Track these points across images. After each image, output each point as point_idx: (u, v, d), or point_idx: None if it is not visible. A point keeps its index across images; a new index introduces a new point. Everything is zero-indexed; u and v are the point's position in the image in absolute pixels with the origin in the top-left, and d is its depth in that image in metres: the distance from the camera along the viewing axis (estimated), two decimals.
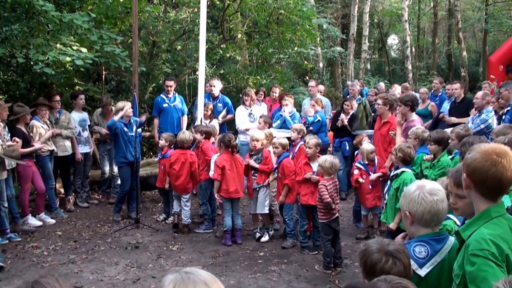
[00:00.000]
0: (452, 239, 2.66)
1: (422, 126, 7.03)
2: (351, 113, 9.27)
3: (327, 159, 6.33)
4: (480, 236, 2.23)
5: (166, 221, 8.16)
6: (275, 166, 7.10)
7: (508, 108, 7.67)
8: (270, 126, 8.51)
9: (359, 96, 10.27)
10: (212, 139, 8.02)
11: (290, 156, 7.45)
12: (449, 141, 6.01)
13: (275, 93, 10.26)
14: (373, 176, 7.22)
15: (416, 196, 2.62)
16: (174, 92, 9.76)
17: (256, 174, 7.22)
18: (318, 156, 6.75)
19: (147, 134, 11.09)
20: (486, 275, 2.11)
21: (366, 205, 7.33)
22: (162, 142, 8.21)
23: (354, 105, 9.48)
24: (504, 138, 4.84)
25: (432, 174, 5.88)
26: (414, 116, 7.29)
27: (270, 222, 7.83)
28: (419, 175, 6.00)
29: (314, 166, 6.75)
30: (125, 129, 8.17)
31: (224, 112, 9.67)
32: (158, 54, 12.93)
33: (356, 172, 7.41)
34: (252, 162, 7.16)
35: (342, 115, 9.24)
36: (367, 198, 7.29)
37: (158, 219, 8.32)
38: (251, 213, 7.52)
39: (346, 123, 9.12)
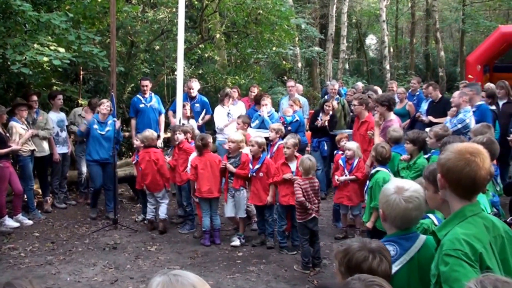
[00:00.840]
0: (422, 238, 2.67)
1: (398, 126, 7.11)
2: (329, 114, 9.34)
3: (304, 159, 6.40)
4: (454, 236, 2.25)
5: (145, 221, 8.16)
6: (257, 166, 7.06)
7: (474, 109, 7.85)
8: (249, 126, 8.54)
9: (338, 96, 10.37)
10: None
11: (268, 156, 7.52)
12: (427, 140, 6.10)
13: (254, 92, 10.30)
14: (342, 178, 7.20)
15: (392, 200, 2.63)
16: (150, 92, 9.73)
17: (232, 178, 7.20)
18: (297, 157, 6.80)
19: (126, 134, 11.04)
20: (458, 276, 2.13)
21: (343, 202, 7.36)
22: (137, 143, 8.18)
23: (335, 106, 9.56)
24: (482, 137, 4.96)
25: (408, 176, 5.96)
26: (392, 116, 7.39)
27: (248, 223, 7.88)
28: (396, 175, 6.08)
29: (293, 166, 6.80)
30: (95, 126, 8.19)
31: (203, 114, 9.68)
32: (136, 54, 12.87)
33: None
34: (228, 166, 7.10)
35: (322, 116, 9.32)
36: (344, 196, 7.32)
37: (136, 219, 8.30)
38: (226, 216, 7.43)
39: (326, 124, 9.20)
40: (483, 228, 2.31)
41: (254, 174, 7.05)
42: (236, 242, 7.09)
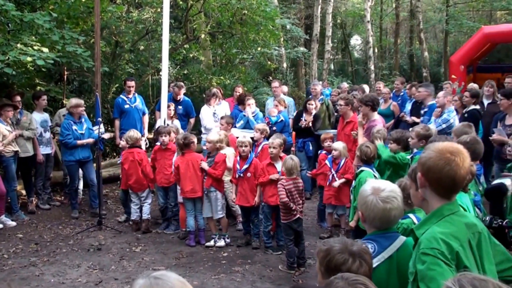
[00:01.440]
0: (402, 238, 2.70)
1: (381, 126, 7.16)
2: (313, 113, 9.40)
3: (287, 159, 6.42)
4: (431, 235, 2.27)
5: (129, 222, 8.14)
6: (245, 166, 7.04)
7: (426, 109, 7.96)
8: (232, 126, 8.55)
9: (322, 96, 10.42)
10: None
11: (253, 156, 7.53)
12: (409, 140, 6.16)
13: (238, 92, 10.32)
14: (336, 183, 7.16)
15: (370, 200, 2.66)
16: (134, 92, 9.72)
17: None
18: (281, 157, 6.82)
19: (111, 134, 10.96)
20: (434, 274, 2.15)
21: (331, 202, 7.38)
22: (123, 143, 8.16)
23: (317, 105, 9.61)
24: (467, 137, 5.02)
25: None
26: (376, 116, 7.45)
27: (234, 223, 7.88)
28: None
29: (278, 166, 6.81)
30: (74, 127, 8.19)
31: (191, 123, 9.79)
32: (121, 54, 12.81)
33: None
34: (204, 164, 7.06)
35: (306, 116, 9.36)
36: (332, 196, 7.33)
37: (119, 219, 8.27)
38: (204, 217, 7.37)
39: (308, 124, 9.24)
40: (461, 226, 2.34)
41: (241, 174, 7.05)
42: (221, 242, 7.05)
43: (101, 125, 8.15)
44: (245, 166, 7.04)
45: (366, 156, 6.02)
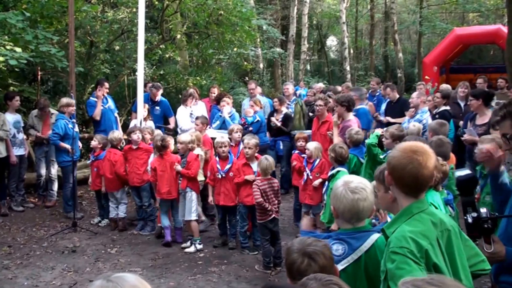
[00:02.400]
0: (374, 237, 2.71)
1: (357, 127, 7.23)
2: (283, 112, 9.43)
3: (262, 159, 6.46)
4: (400, 234, 2.30)
5: (100, 223, 8.10)
6: (228, 166, 7.03)
7: (354, 113, 8.10)
8: (207, 126, 8.52)
9: (294, 97, 10.48)
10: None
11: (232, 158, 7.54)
12: (383, 140, 6.24)
13: (214, 93, 10.31)
14: (316, 182, 7.14)
15: (339, 192, 2.67)
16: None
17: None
18: (257, 157, 6.85)
19: (86, 135, 10.87)
20: (403, 273, 2.16)
21: (305, 202, 7.43)
22: (94, 143, 8.10)
23: (284, 102, 9.65)
24: (435, 137, 5.12)
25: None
26: (351, 116, 7.53)
27: (211, 223, 7.88)
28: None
29: (254, 166, 6.84)
30: (70, 125, 8.22)
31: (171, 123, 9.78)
32: (96, 54, 12.69)
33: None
34: (178, 167, 7.03)
35: (276, 115, 9.40)
36: (307, 195, 7.37)
37: (92, 222, 8.21)
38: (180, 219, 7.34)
39: (279, 124, 9.27)
40: (430, 224, 2.37)
41: (224, 175, 7.04)
42: (191, 248, 6.96)
43: (76, 126, 8.08)
44: (228, 166, 7.04)
45: (341, 157, 6.09)
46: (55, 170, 8.98)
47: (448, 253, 2.40)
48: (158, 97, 9.74)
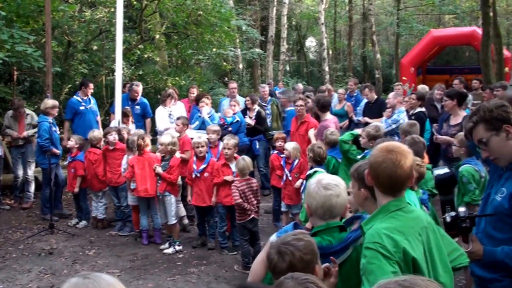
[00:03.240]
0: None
1: (333, 127, 7.29)
2: (255, 110, 9.46)
3: (239, 160, 6.47)
4: (375, 231, 2.33)
5: (77, 225, 8.03)
6: (202, 166, 7.01)
7: (285, 115, 8.22)
8: (188, 127, 8.50)
9: (270, 97, 10.52)
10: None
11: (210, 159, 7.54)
12: (360, 140, 6.30)
13: (193, 94, 10.29)
14: (298, 183, 7.13)
15: (312, 189, 2.68)
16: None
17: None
18: (236, 158, 6.86)
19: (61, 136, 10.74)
20: (374, 268, 2.21)
21: (284, 201, 7.46)
22: (71, 143, 8.02)
23: (256, 101, 9.67)
24: (409, 137, 5.20)
25: None
26: (328, 116, 7.60)
27: (190, 224, 7.86)
28: None
29: (233, 166, 6.84)
30: (54, 128, 8.22)
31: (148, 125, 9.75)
32: (73, 54, 12.56)
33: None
34: (158, 169, 6.95)
35: (247, 115, 9.41)
36: (285, 195, 7.39)
37: (70, 223, 8.13)
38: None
39: (253, 123, 9.29)
40: (407, 221, 2.41)
41: (198, 174, 7.04)
42: (169, 249, 6.92)
43: (57, 128, 8.02)
44: (203, 166, 7.01)
45: (320, 157, 6.14)
46: (31, 171, 8.87)
47: (427, 249, 2.44)
48: (139, 95, 9.67)
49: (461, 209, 2.83)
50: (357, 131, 6.56)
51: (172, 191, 7.01)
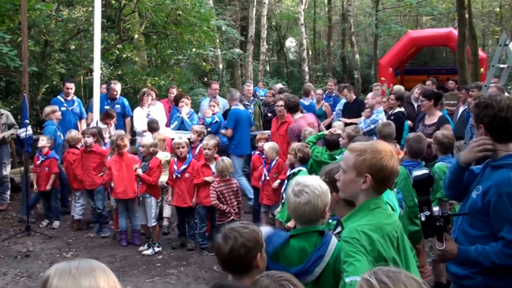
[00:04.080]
0: (334, 242, 2.75)
1: (308, 126, 7.36)
2: None
3: (218, 161, 6.47)
4: (354, 227, 2.38)
5: (53, 226, 7.95)
6: (183, 167, 7.00)
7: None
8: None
9: (252, 97, 10.54)
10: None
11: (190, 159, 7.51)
12: (339, 140, 6.34)
13: (173, 94, 10.25)
14: (276, 183, 7.18)
15: (288, 194, 2.74)
16: (73, 95, 9.46)
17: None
18: (216, 158, 6.85)
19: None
20: (353, 261, 2.25)
21: (263, 202, 7.48)
22: (42, 143, 7.91)
23: (240, 101, 9.68)
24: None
25: None
26: (298, 115, 7.78)
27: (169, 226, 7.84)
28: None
29: (213, 167, 6.83)
30: (58, 133, 8.39)
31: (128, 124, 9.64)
32: (50, 53, 12.39)
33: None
34: (138, 171, 6.92)
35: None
36: (264, 195, 7.39)
37: (40, 225, 8.01)
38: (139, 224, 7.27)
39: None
40: (384, 219, 2.47)
41: (179, 175, 6.99)
42: (148, 250, 6.89)
43: (29, 127, 7.88)
44: (183, 167, 6.99)
45: (308, 156, 6.23)
46: (7, 172, 8.73)
47: (402, 247, 2.51)
48: (118, 94, 9.61)
49: (435, 209, 2.88)
50: (324, 132, 6.66)
51: (153, 193, 6.97)
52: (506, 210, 2.76)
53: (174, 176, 7.02)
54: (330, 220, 3.52)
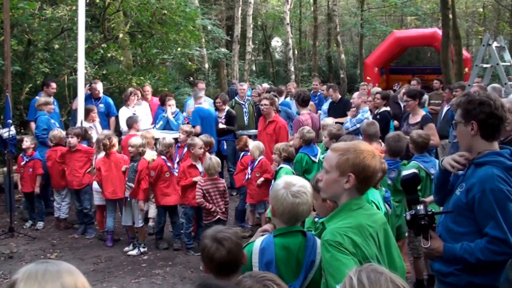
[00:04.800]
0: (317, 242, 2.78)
1: (310, 127, 7.37)
2: (225, 110, 9.44)
3: (206, 159, 6.45)
4: (336, 230, 2.38)
5: (37, 227, 7.87)
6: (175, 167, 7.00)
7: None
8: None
9: (247, 97, 10.54)
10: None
11: (177, 159, 7.49)
12: (322, 138, 6.37)
13: (147, 91, 10.19)
14: (259, 181, 7.14)
15: (280, 194, 2.70)
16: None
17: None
18: (201, 159, 6.82)
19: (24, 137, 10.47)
20: (339, 265, 2.26)
21: (247, 201, 7.47)
22: (26, 144, 7.83)
23: (227, 101, 9.66)
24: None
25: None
26: (305, 110, 7.82)
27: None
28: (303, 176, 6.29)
29: (200, 167, 6.81)
30: (52, 120, 8.38)
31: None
32: (34, 53, 12.25)
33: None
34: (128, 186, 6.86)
35: (218, 113, 9.39)
36: (248, 194, 7.38)
37: (24, 226, 7.92)
38: (123, 225, 7.18)
39: (222, 126, 9.25)
40: (365, 219, 2.47)
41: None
42: (134, 251, 6.82)
43: (12, 127, 7.79)
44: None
45: (292, 155, 6.25)
46: None
47: (386, 243, 2.53)
48: (101, 93, 9.54)
49: (420, 207, 2.91)
50: None
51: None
52: (490, 207, 2.79)
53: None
54: (316, 219, 3.53)
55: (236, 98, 10.37)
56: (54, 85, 9.27)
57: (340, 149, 2.52)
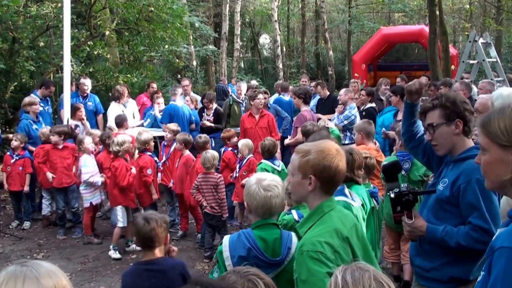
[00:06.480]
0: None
1: (311, 118, 7.45)
2: (213, 109, 9.40)
3: (203, 153, 6.48)
4: (315, 238, 2.31)
5: (24, 226, 7.77)
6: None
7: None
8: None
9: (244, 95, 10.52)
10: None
11: (164, 158, 7.45)
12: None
13: (153, 88, 10.22)
14: (243, 181, 7.14)
15: (252, 190, 2.78)
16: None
17: None
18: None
19: (10, 136, 10.35)
20: (315, 281, 2.20)
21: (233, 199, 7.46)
22: (15, 143, 7.74)
23: (214, 99, 9.64)
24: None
25: None
26: (305, 107, 7.94)
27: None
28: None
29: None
30: (34, 126, 8.06)
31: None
32: (19, 51, 12.11)
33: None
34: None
35: (204, 113, 9.36)
36: (234, 192, 7.39)
37: (10, 226, 7.82)
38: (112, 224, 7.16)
39: (209, 124, 9.23)
40: (339, 221, 2.44)
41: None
42: (115, 254, 6.61)
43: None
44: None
45: (274, 152, 6.30)
46: None
47: (361, 241, 2.53)
48: (89, 89, 9.47)
49: (403, 185, 2.94)
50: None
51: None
52: (475, 197, 2.82)
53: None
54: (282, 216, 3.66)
55: (234, 96, 10.33)
56: (53, 88, 9.20)
57: (302, 150, 2.50)
